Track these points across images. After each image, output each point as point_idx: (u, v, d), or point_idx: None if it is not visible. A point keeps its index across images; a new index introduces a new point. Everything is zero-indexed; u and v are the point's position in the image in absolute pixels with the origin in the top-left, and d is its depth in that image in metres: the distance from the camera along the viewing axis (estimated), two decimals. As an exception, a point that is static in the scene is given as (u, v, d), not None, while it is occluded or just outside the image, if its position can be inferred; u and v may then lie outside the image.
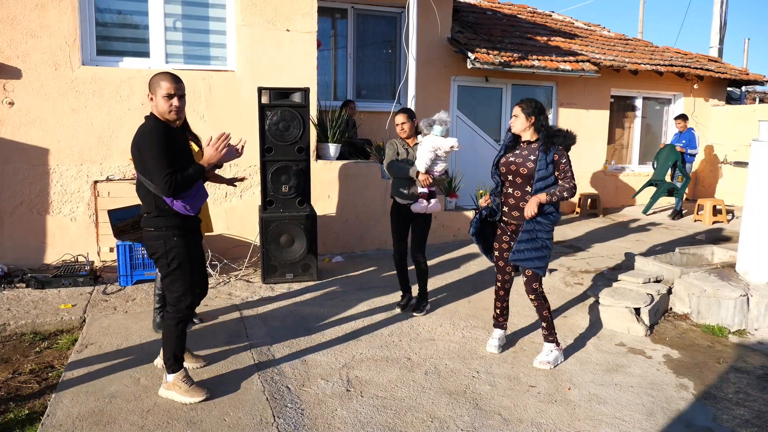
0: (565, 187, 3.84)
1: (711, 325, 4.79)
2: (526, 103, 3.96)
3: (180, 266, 3.34)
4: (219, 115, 6.49)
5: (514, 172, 3.98)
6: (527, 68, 9.02)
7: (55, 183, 6.03)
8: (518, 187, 4.01)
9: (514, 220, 4.06)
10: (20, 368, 4.01)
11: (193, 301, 3.45)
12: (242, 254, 6.58)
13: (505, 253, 4.17)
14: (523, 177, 3.95)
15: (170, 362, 3.44)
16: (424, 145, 4.78)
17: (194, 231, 3.47)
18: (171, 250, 3.31)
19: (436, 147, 4.76)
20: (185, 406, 3.34)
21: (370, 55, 9.28)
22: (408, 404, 3.45)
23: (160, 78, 3.26)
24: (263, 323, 4.71)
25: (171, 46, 6.44)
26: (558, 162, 3.87)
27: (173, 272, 3.35)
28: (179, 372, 3.44)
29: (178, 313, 3.40)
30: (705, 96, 11.72)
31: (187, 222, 3.38)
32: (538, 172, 3.86)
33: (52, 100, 5.93)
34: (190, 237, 3.40)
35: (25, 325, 4.66)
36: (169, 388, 3.43)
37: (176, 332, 3.41)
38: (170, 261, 3.32)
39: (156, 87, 3.24)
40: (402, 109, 5.06)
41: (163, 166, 3.13)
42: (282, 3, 6.56)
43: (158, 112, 3.27)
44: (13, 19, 5.72)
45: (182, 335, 3.44)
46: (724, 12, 13.77)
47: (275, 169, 5.71)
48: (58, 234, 6.08)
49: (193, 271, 3.42)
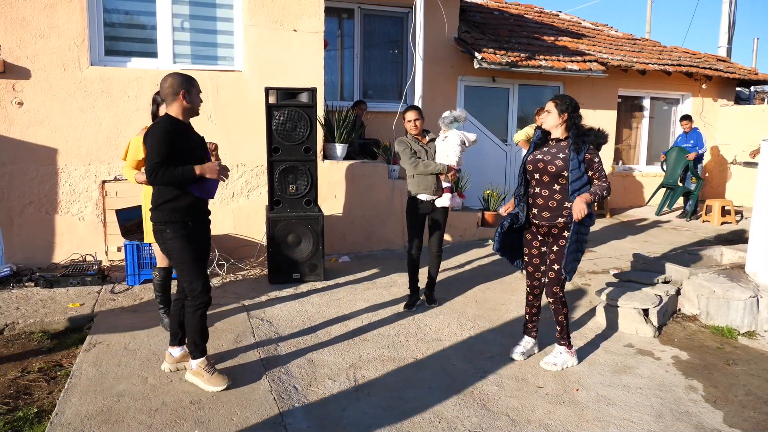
0: (603, 186, 3.77)
1: (720, 326, 4.76)
2: (560, 99, 3.87)
3: (180, 256, 3.47)
4: (226, 115, 6.50)
5: (542, 170, 3.85)
6: (534, 68, 9.00)
7: (64, 183, 6.05)
8: (546, 185, 3.87)
9: (546, 222, 3.90)
10: (29, 366, 4.03)
11: (204, 285, 3.51)
12: (249, 254, 6.59)
13: (535, 259, 4.06)
14: (551, 175, 3.82)
15: (191, 348, 3.58)
16: (452, 139, 4.96)
17: (197, 221, 3.56)
18: (167, 240, 3.45)
19: (463, 141, 4.97)
20: (193, 405, 3.35)
21: (377, 55, 9.28)
22: (416, 405, 3.44)
23: (190, 79, 3.50)
24: (270, 323, 4.71)
25: (179, 47, 6.46)
26: (591, 161, 3.78)
27: (176, 262, 3.50)
28: (201, 359, 3.56)
29: (195, 300, 3.50)
30: (713, 96, 11.66)
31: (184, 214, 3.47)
32: (572, 173, 3.75)
33: (61, 100, 5.96)
34: (186, 229, 3.47)
35: (34, 323, 4.69)
36: (194, 374, 3.56)
37: (194, 319, 3.51)
38: (170, 251, 3.48)
39: (190, 86, 3.47)
40: (412, 106, 5.13)
41: (154, 156, 3.29)
42: (289, 3, 6.57)
43: (185, 109, 3.47)
44: (22, 19, 5.75)
45: (201, 322, 3.53)
46: (733, 11, 13.68)
47: (282, 169, 5.72)
48: (66, 233, 6.11)
49: (198, 258, 3.53)
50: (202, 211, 3.62)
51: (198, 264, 3.51)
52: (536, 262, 4.08)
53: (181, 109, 3.46)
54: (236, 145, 6.53)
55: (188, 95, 3.45)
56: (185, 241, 3.45)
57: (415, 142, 5.06)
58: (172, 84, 3.43)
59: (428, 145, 5.08)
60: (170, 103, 3.47)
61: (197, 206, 3.54)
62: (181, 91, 3.41)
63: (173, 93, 3.43)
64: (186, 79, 3.47)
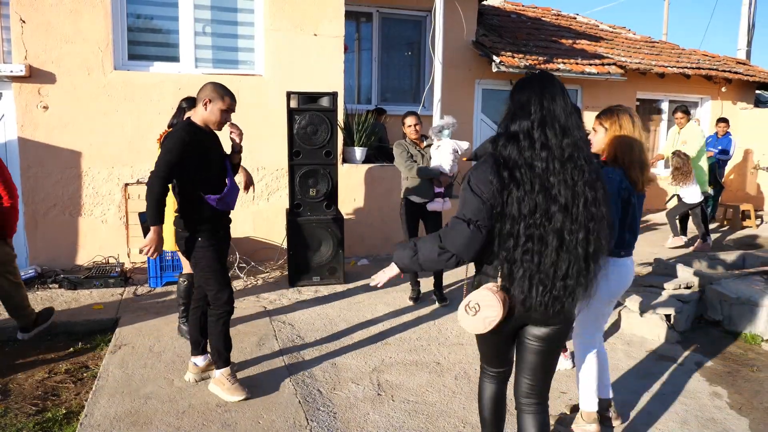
0: None
1: (744, 332, 4.72)
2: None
3: (208, 266, 3.45)
4: (247, 119, 6.53)
5: None
6: (552, 72, 8.97)
7: (87, 185, 6.14)
8: None
9: None
10: (56, 368, 4.09)
11: (229, 297, 3.51)
12: (269, 257, 6.63)
13: None
14: None
15: (215, 357, 3.56)
16: (446, 147, 5.15)
17: (221, 231, 3.59)
18: (198, 249, 3.45)
19: (455, 149, 5.12)
20: (219, 408, 3.38)
21: (395, 59, 9.31)
22: (439, 409, 3.45)
23: (224, 91, 3.43)
24: (292, 326, 4.74)
25: (200, 51, 6.52)
26: None
27: (202, 270, 3.48)
28: (225, 368, 3.53)
29: (218, 310, 3.49)
30: (733, 99, 11.56)
31: (215, 222, 3.50)
32: None
33: (85, 104, 6.04)
34: (215, 237, 3.50)
35: (59, 325, 4.75)
36: (216, 383, 3.54)
37: (218, 328, 3.51)
38: (196, 260, 3.46)
39: (217, 98, 3.39)
40: (411, 112, 5.36)
41: (158, 166, 3.29)
42: (310, 7, 6.61)
43: (203, 118, 3.43)
44: (48, 24, 5.84)
45: (225, 331, 3.52)
46: (753, 13, 13.55)
47: (303, 173, 5.75)
48: (89, 235, 6.19)
49: (224, 267, 3.54)
50: (225, 220, 3.67)
51: (224, 273, 3.53)
52: None
53: (200, 117, 3.45)
54: (257, 149, 6.58)
55: (210, 104, 3.40)
56: (215, 250, 3.47)
57: (413, 146, 5.30)
58: (205, 90, 3.44)
59: (425, 150, 5.31)
60: (196, 107, 3.48)
61: (222, 215, 3.58)
62: (206, 99, 3.40)
63: (201, 99, 3.43)
64: (217, 90, 3.43)
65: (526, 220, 2.08)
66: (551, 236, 2.09)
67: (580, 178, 2.10)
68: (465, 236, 2.13)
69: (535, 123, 2.11)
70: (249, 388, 3.58)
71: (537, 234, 2.08)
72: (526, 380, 2.41)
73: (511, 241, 2.10)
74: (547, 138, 2.10)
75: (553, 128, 2.10)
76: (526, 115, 2.13)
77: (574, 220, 2.10)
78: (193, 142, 3.34)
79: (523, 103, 2.15)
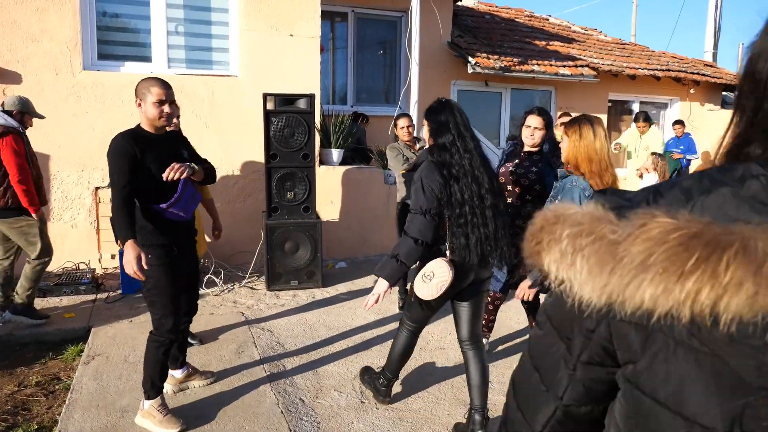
0: None
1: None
2: (546, 114, 3.96)
3: (155, 286, 3.10)
4: (222, 121, 6.43)
5: (514, 182, 3.98)
6: (527, 73, 9.03)
7: (56, 189, 5.95)
8: (517, 197, 3.99)
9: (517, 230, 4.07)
10: (26, 380, 3.94)
11: (175, 324, 3.18)
12: (246, 260, 6.51)
13: None
14: (523, 187, 3.96)
15: (147, 387, 3.20)
16: None
17: (182, 244, 3.24)
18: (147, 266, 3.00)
19: None
20: (199, 420, 3.29)
21: (370, 59, 9.25)
22: (424, 416, 3.42)
23: (150, 83, 3.07)
24: (271, 332, 4.66)
25: (173, 51, 6.38)
26: None
27: (150, 292, 3.13)
28: (155, 399, 3.20)
29: (160, 337, 3.16)
30: (701, 100, 11.79)
31: (169, 237, 3.15)
32: (549, 186, 3.84)
33: (53, 105, 5.85)
34: (170, 256, 3.14)
35: (29, 335, 4.59)
36: (144, 416, 3.20)
37: (156, 356, 3.16)
38: (146, 279, 3.03)
39: (145, 93, 3.05)
40: (404, 113, 5.25)
41: (113, 180, 2.99)
42: (286, 8, 6.52)
43: (147, 119, 3.11)
44: (13, 23, 5.64)
45: (163, 360, 3.19)
46: (719, 17, 13.85)
47: (280, 176, 5.67)
48: (58, 241, 5.97)
49: (174, 292, 3.17)
50: (185, 232, 3.30)
51: (174, 298, 3.17)
52: None
53: (143, 118, 3.12)
54: (232, 151, 6.47)
55: (144, 103, 3.06)
56: (166, 270, 3.11)
57: (407, 149, 5.20)
58: (136, 89, 3.09)
59: (419, 152, 5.16)
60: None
61: (177, 229, 3.20)
62: (138, 101, 3.07)
63: (136, 102, 3.09)
64: (142, 86, 3.07)
65: (469, 203, 2.90)
66: (488, 210, 2.94)
67: (486, 168, 3.01)
68: (423, 223, 2.90)
69: (455, 135, 2.97)
70: (229, 398, 3.50)
71: (479, 211, 2.92)
72: (465, 328, 3.21)
73: (462, 219, 2.91)
74: (467, 144, 2.97)
75: (466, 137, 2.98)
76: (447, 131, 2.97)
77: (497, 195, 3.00)
78: (129, 153, 3.00)
79: (442, 122, 3.00)
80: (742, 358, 0.58)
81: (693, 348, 0.61)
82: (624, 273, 0.59)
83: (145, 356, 3.21)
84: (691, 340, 0.61)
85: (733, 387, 0.59)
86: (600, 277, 0.61)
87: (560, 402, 0.77)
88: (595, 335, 0.71)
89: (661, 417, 0.64)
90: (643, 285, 0.58)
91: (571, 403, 0.77)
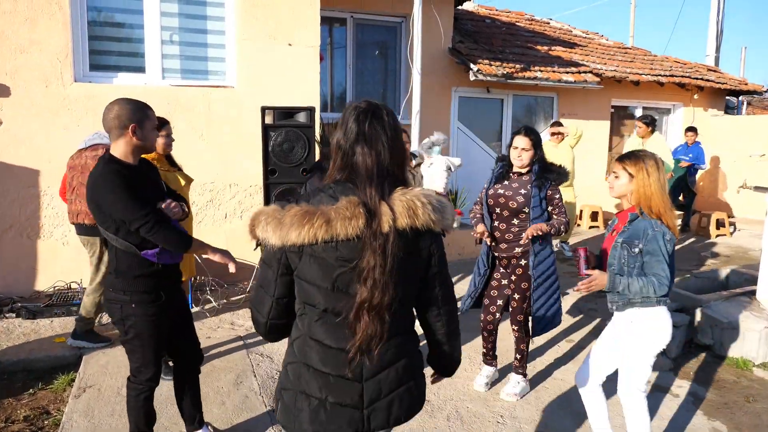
0: (562, 221, 3.77)
1: (735, 357, 4.64)
2: (534, 135, 3.81)
3: (137, 336, 2.82)
4: (218, 133, 6.23)
5: (503, 205, 3.86)
6: (530, 80, 8.86)
7: (47, 205, 5.74)
8: (505, 219, 3.87)
9: (504, 253, 3.90)
10: (13, 414, 3.75)
11: (155, 375, 2.92)
12: (244, 277, 6.32)
13: (493, 291, 4.02)
14: (511, 211, 3.83)
15: None
16: (438, 165, 4.91)
17: (169, 289, 2.93)
18: (128, 317, 2.79)
19: (449, 167, 4.98)
20: (197, 464, 3.11)
21: (369, 66, 9.07)
22: (433, 458, 3.25)
23: (143, 106, 2.78)
24: (271, 359, 4.47)
25: (168, 61, 6.17)
26: (552, 197, 3.81)
27: (130, 341, 2.86)
28: None
29: (138, 384, 2.90)
30: (704, 106, 11.65)
31: (155, 282, 2.84)
32: (534, 210, 3.75)
33: (43, 118, 5.64)
34: (156, 303, 2.84)
35: (18, 362, 4.39)
36: None
37: (137, 404, 2.91)
38: (126, 329, 2.81)
39: (144, 118, 2.76)
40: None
41: (137, 207, 2.66)
42: (284, 16, 6.32)
43: (132, 147, 2.75)
44: (0, 34, 5.43)
45: (146, 406, 2.95)
46: (721, 20, 13.69)
47: (279, 192, 5.47)
48: (49, 259, 5.79)
49: (159, 341, 2.90)
50: (174, 277, 2.99)
51: (157, 349, 2.90)
52: (494, 295, 4.02)
53: (131, 148, 2.74)
54: (229, 164, 6.27)
55: (140, 129, 2.72)
56: (151, 321, 2.82)
57: None
58: (120, 114, 2.69)
59: (415, 169, 5.01)
60: (115, 139, 2.72)
61: (164, 272, 2.87)
62: (131, 125, 2.69)
63: (120, 126, 2.69)
64: (138, 108, 2.74)
65: None
66: None
67: None
68: None
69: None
70: (228, 439, 3.32)
71: None
72: None
73: None
74: None
75: None
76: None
77: None
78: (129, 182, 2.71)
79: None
80: (329, 256, 1.65)
81: (314, 255, 1.66)
82: (284, 229, 1.63)
83: (127, 404, 2.96)
84: (312, 252, 1.66)
85: (330, 267, 1.66)
86: (277, 233, 1.64)
87: (273, 297, 1.77)
88: (282, 260, 1.72)
89: (308, 288, 1.71)
90: (291, 233, 1.63)
91: (279, 296, 1.77)
